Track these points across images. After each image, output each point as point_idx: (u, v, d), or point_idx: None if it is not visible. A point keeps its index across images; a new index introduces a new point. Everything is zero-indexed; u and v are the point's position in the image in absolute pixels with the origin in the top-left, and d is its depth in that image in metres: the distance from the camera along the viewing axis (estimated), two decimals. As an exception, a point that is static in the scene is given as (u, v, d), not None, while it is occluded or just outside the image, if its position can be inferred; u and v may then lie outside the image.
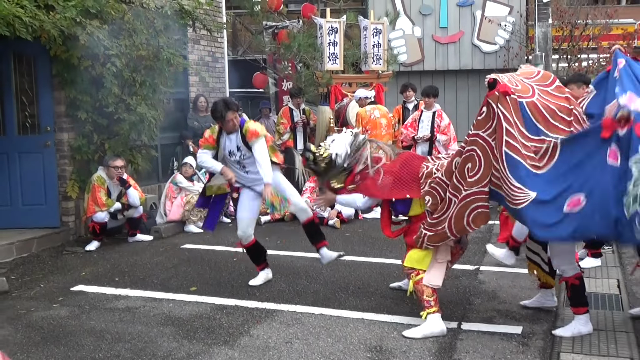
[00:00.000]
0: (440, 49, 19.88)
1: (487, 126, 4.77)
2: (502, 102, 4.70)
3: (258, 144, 6.19)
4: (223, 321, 5.57)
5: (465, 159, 4.90)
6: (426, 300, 5.18)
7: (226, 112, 6.17)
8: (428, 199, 5.13)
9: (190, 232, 9.25)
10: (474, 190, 4.84)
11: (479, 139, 4.81)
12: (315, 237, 6.59)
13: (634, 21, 20.62)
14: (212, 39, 12.08)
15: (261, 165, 6.18)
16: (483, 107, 4.82)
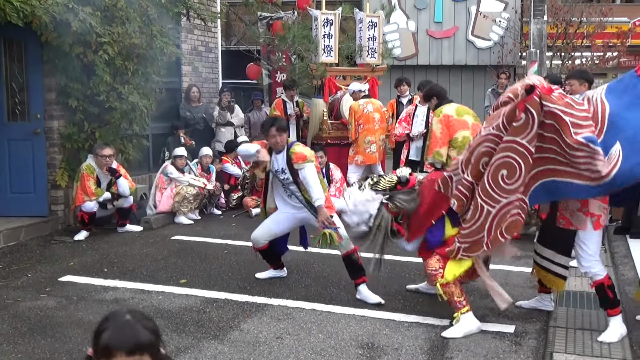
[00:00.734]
0: (434, 43, 19.85)
1: (525, 132, 4.66)
2: (549, 100, 4.62)
3: (306, 169, 5.86)
4: (213, 315, 5.51)
5: (499, 166, 4.77)
6: (458, 302, 5.11)
7: (270, 126, 5.99)
8: (453, 201, 5.07)
9: (181, 224, 9.17)
10: (513, 198, 4.77)
11: (517, 145, 4.68)
12: (354, 271, 5.99)
13: (628, 20, 20.64)
14: (205, 28, 11.99)
15: (312, 187, 5.81)
16: (520, 113, 4.67)
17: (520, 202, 4.80)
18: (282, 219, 6.20)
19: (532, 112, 4.63)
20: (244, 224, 9.19)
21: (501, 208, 4.80)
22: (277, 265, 6.54)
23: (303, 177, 5.90)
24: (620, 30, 19.70)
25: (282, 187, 6.09)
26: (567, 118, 4.58)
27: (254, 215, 9.64)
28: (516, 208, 4.80)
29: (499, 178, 4.77)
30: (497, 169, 4.78)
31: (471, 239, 4.97)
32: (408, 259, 6.96)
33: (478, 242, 4.96)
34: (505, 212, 4.81)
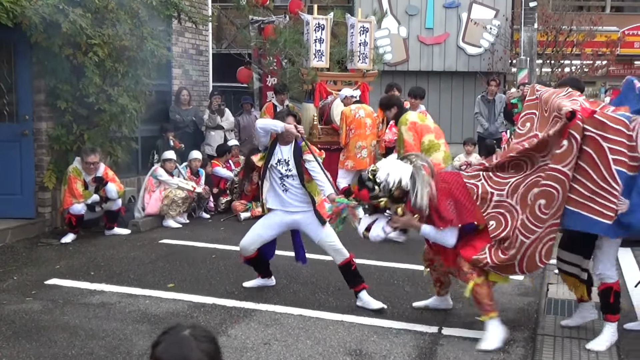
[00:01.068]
0: (425, 49, 19.90)
1: (568, 160, 4.57)
2: (592, 124, 4.55)
3: (313, 162, 5.86)
4: (200, 320, 5.47)
5: (538, 195, 4.68)
6: (488, 304, 5.01)
7: (287, 115, 5.94)
8: (492, 223, 4.93)
9: (169, 227, 9.12)
10: (548, 224, 4.68)
11: (559, 174, 4.60)
12: (353, 280, 5.89)
13: (617, 29, 20.80)
14: (196, 31, 11.95)
15: (320, 177, 5.81)
16: (563, 140, 4.59)
17: (555, 227, 4.73)
18: (272, 224, 6.08)
19: (576, 137, 4.52)
20: (232, 228, 9.15)
21: (535, 239, 4.71)
22: (266, 274, 6.42)
23: (311, 168, 5.84)
24: (610, 39, 19.85)
25: (279, 181, 5.89)
26: (605, 144, 4.51)
27: (243, 219, 9.61)
28: (550, 234, 4.72)
29: (537, 208, 4.67)
30: (536, 198, 4.68)
31: (505, 263, 4.87)
32: (396, 265, 6.95)
33: (510, 267, 4.90)
34: (539, 241, 4.72)
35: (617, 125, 4.56)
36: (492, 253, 4.91)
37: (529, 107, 5.28)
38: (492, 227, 4.92)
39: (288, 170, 5.85)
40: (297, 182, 5.85)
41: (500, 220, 4.90)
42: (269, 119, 6.14)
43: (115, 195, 8.38)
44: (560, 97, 4.93)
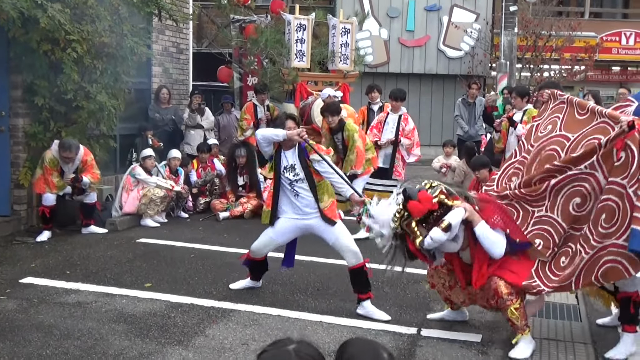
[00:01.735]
0: (405, 52, 19.96)
1: (625, 174, 4.45)
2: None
3: (322, 163, 5.71)
4: (178, 320, 5.41)
5: (600, 209, 4.54)
6: (525, 324, 4.88)
7: (287, 119, 5.88)
8: (539, 241, 4.77)
9: (147, 226, 9.03)
10: (609, 242, 4.49)
11: (617, 186, 4.47)
12: (361, 285, 5.72)
13: (595, 35, 20.99)
14: (177, 29, 11.86)
15: (335, 177, 5.74)
16: (620, 152, 4.46)
17: (619, 248, 4.45)
18: (286, 230, 5.91)
19: (633, 149, 4.42)
20: (211, 227, 9.09)
21: (595, 253, 4.53)
22: (257, 278, 6.28)
23: (323, 169, 5.71)
24: (588, 44, 20.04)
25: (289, 187, 5.78)
26: None
27: (222, 219, 9.55)
28: (611, 254, 4.48)
29: (599, 223, 4.53)
30: (599, 212, 4.56)
31: (560, 284, 4.70)
32: (375, 267, 6.90)
33: (566, 287, 4.76)
34: (599, 257, 4.53)
35: None
36: (544, 278, 4.73)
37: (552, 112, 5.30)
38: (540, 245, 4.75)
39: (295, 175, 5.74)
40: (306, 186, 5.73)
41: (545, 237, 4.75)
42: (268, 129, 6.03)
43: (88, 184, 8.22)
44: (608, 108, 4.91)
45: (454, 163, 10.21)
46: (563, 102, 5.29)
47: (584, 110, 5.01)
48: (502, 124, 8.89)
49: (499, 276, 4.84)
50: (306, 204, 5.77)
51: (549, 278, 4.73)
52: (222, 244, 8.05)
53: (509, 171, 5.42)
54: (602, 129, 4.74)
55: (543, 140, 5.19)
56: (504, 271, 4.86)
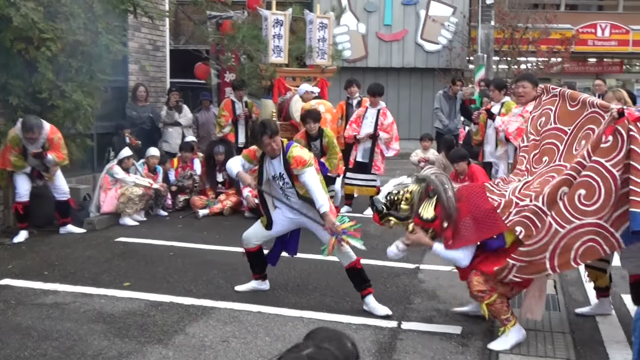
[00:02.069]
0: (383, 46, 19.99)
1: (612, 156, 4.46)
2: (637, 127, 4.46)
3: (306, 174, 5.52)
4: (157, 318, 5.38)
5: (577, 185, 4.53)
6: (505, 319, 4.89)
7: (262, 136, 5.54)
8: (520, 229, 4.68)
9: (125, 225, 8.96)
10: (589, 221, 4.50)
11: (601, 167, 4.48)
12: (359, 283, 5.70)
13: (571, 27, 21.14)
14: (153, 26, 11.78)
15: (315, 194, 5.48)
16: (609, 135, 4.49)
17: (598, 227, 4.50)
18: (278, 221, 5.88)
19: (623, 134, 4.45)
20: (190, 225, 9.05)
21: (572, 230, 4.52)
22: (261, 275, 6.15)
23: (304, 182, 5.55)
24: (564, 36, 20.17)
25: (281, 192, 5.77)
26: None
27: (201, 216, 9.51)
28: (592, 234, 4.51)
29: (575, 197, 4.52)
30: (576, 188, 4.53)
31: (530, 258, 4.63)
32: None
33: (537, 263, 4.64)
34: (576, 236, 4.53)
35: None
36: (517, 253, 4.67)
37: (545, 104, 5.36)
38: (521, 234, 4.68)
39: (285, 183, 5.70)
40: (295, 191, 5.69)
41: (527, 225, 4.67)
42: (233, 161, 5.91)
43: (52, 162, 8.05)
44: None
45: (432, 157, 10.25)
46: (555, 95, 5.32)
47: (575, 102, 5.04)
48: (480, 116, 8.94)
49: (476, 269, 4.89)
50: (297, 207, 5.73)
51: (520, 251, 4.67)
52: (202, 242, 8.02)
53: None
54: (594, 119, 4.78)
55: (541, 133, 5.24)
56: (485, 261, 4.90)
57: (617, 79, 24.83)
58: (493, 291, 4.84)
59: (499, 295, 4.85)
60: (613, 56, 23.97)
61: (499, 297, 4.86)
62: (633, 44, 22.27)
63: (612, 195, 4.48)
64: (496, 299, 4.85)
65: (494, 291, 4.84)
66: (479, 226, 4.86)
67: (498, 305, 4.87)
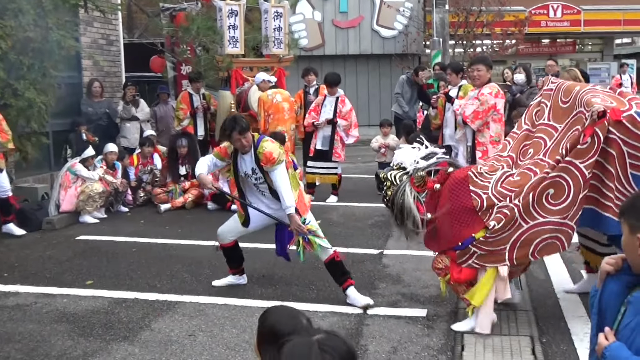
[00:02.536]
0: (340, 33, 19.96)
1: (587, 157, 4.53)
2: (618, 128, 4.51)
3: (276, 171, 5.46)
4: (122, 315, 5.33)
5: (548, 185, 4.60)
6: (464, 299, 4.92)
7: (231, 132, 5.44)
8: (493, 224, 4.66)
9: (86, 223, 8.83)
10: (553, 219, 4.58)
11: (574, 168, 4.56)
12: (339, 276, 5.61)
13: (524, 9, 21.38)
14: (105, 20, 11.59)
15: (282, 194, 5.43)
16: (587, 137, 4.52)
17: (562, 226, 4.60)
18: (253, 216, 5.81)
19: (600, 137, 4.49)
20: (152, 220, 8.96)
21: (534, 226, 4.60)
22: (238, 270, 6.07)
23: (273, 179, 5.50)
24: (518, 18, 20.39)
25: (255, 188, 5.71)
26: (625, 148, 4.50)
27: (163, 210, 9.43)
28: (555, 232, 4.60)
29: (544, 196, 4.59)
30: (545, 187, 4.59)
31: (491, 248, 4.70)
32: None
33: (497, 254, 4.70)
34: (538, 232, 4.62)
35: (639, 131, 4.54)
36: (478, 242, 4.72)
37: (543, 97, 5.32)
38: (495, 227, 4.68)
39: (258, 178, 5.63)
40: (268, 187, 5.63)
41: (501, 219, 4.68)
42: (200, 162, 5.83)
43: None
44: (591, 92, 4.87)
45: (392, 142, 10.30)
46: (551, 89, 5.28)
47: (568, 98, 5.00)
48: (438, 100, 8.99)
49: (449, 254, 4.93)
50: (272, 202, 5.68)
51: (481, 241, 4.70)
52: (164, 236, 7.95)
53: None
54: (579, 119, 4.76)
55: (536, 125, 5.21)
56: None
57: (570, 59, 25.24)
58: (448, 270, 4.92)
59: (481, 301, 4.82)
60: (566, 36, 24.36)
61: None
62: (585, 24, 22.64)
63: (579, 196, 4.57)
64: (449, 279, 4.91)
65: (448, 270, 4.92)
66: (459, 225, 4.81)
67: (458, 287, 4.93)
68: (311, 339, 1.86)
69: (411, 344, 4.74)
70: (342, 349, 1.86)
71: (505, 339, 4.72)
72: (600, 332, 2.37)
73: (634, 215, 2.31)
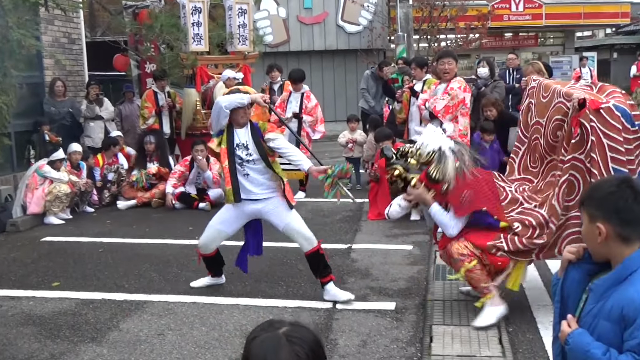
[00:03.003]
0: (305, 29, 19.95)
1: (582, 149, 4.56)
2: (597, 118, 4.50)
3: (280, 137, 5.49)
4: (89, 316, 5.28)
5: (562, 184, 4.65)
6: (484, 287, 4.86)
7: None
8: (517, 225, 4.77)
9: (51, 224, 8.71)
10: (572, 214, 4.62)
11: (577, 162, 4.60)
12: (320, 270, 5.50)
13: (487, 3, 21.60)
14: (67, 19, 11.44)
15: (290, 152, 5.46)
16: (577, 129, 4.56)
17: (577, 219, 4.52)
18: (231, 217, 5.64)
19: (586, 126, 4.52)
20: (118, 220, 8.88)
21: (561, 225, 4.67)
22: (217, 273, 5.98)
23: (277, 145, 5.42)
24: (481, 12, 20.59)
25: (239, 167, 5.45)
26: (605, 140, 4.50)
27: (125, 208, 9.38)
28: (574, 227, 4.62)
29: (561, 195, 4.64)
30: (560, 187, 4.66)
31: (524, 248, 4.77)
32: (288, 245, 6.94)
33: (528, 253, 4.81)
34: (563, 229, 4.68)
35: (617, 124, 4.54)
36: (509, 239, 4.78)
37: (529, 96, 5.39)
38: (518, 229, 4.78)
39: (248, 154, 5.43)
40: (260, 166, 5.45)
41: (526, 226, 4.77)
42: (232, 96, 5.51)
43: None
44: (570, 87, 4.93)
45: (360, 137, 10.34)
46: (533, 86, 5.38)
47: (548, 92, 5.10)
48: (403, 94, 9.05)
49: (464, 238, 4.92)
50: (255, 185, 5.50)
51: (514, 243, 4.77)
52: (131, 236, 7.89)
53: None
54: (559, 109, 4.85)
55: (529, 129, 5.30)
56: (475, 234, 4.93)
57: (533, 52, 25.60)
58: (473, 256, 4.85)
59: (478, 261, 4.85)
60: (528, 30, 24.68)
61: (479, 264, 4.85)
62: (546, 18, 22.98)
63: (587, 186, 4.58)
64: (476, 264, 4.83)
65: (474, 256, 4.85)
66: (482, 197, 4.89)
67: (478, 272, 4.84)
68: (278, 333, 1.85)
69: (380, 336, 4.77)
70: (309, 338, 1.86)
71: (472, 330, 4.77)
72: (563, 319, 2.42)
73: (593, 204, 2.36)
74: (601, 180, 2.64)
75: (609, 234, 2.30)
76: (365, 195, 8.89)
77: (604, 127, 4.52)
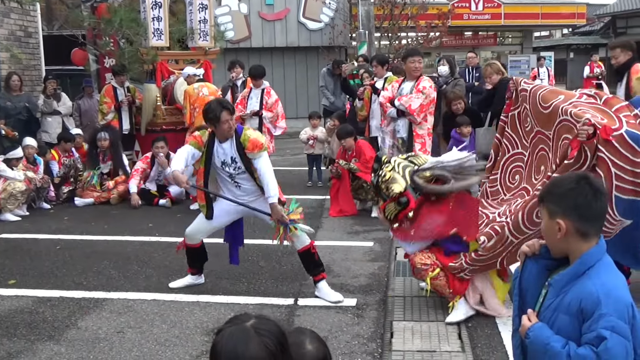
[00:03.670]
0: (266, 26, 19.89)
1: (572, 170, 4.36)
2: (606, 147, 4.34)
3: (262, 158, 5.33)
4: (47, 315, 5.20)
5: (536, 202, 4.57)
6: (449, 293, 4.93)
7: (221, 111, 5.21)
8: (483, 239, 4.74)
9: (7, 221, 8.54)
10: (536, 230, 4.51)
11: None
12: (312, 267, 5.53)
13: (447, 2, 21.81)
14: (23, 12, 11.24)
15: (268, 182, 5.30)
16: (574, 151, 4.42)
17: None
18: (222, 212, 5.60)
19: (587, 154, 4.40)
20: (77, 216, 8.74)
21: (524, 239, 4.54)
22: (198, 270, 5.88)
23: (258, 168, 5.34)
24: (441, 11, 20.78)
25: (230, 180, 5.48)
26: (614, 170, 4.36)
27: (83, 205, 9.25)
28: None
29: (534, 214, 4.53)
30: (535, 205, 4.49)
31: (484, 264, 4.83)
32: (249, 242, 6.93)
33: (489, 266, 4.87)
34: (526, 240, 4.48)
35: (627, 153, 4.35)
36: (471, 259, 4.82)
37: (522, 99, 5.26)
38: (484, 244, 4.76)
39: (237, 168, 5.40)
40: (249, 176, 5.43)
41: (491, 235, 4.75)
42: (177, 156, 5.48)
43: None
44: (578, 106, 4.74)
45: (321, 134, 10.36)
46: (525, 89, 5.24)
47: (548, 104, 4.92)
48: (365, 92, 9.09)
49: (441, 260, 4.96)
50: (248, 191, 5.52)
51: (474, 259, 4.82)
52: (90, 233, 7.78)
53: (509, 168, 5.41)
54: (568, 128, 4.64)
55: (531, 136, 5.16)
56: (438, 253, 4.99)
57: (492, 51, 25.94)
58: (436, 265, 4.92)
59: (441, 270, 4.92)
60: (487, 29, 24.99)
61: (442, 271, 4.92)
62: (505, 17, 23.30)
63: None
64: (439, 272, 4.91)
65: (437, 265, 4.92)
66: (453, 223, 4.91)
67: (442, 279, 4.92)
68: (245, 325, 1.87)
69: (341, 333, 4.80)
70: (276, 330, 1.89)
71: (432, 325, 4.83)
72: (522, 312, 2.47)
73: (552, 200, 2.40)
74: (561, 177, 2.68)
75: (568, 229, 2.35)
76: (326, 192, 8.91)
77: (613, 157, 4.35)
